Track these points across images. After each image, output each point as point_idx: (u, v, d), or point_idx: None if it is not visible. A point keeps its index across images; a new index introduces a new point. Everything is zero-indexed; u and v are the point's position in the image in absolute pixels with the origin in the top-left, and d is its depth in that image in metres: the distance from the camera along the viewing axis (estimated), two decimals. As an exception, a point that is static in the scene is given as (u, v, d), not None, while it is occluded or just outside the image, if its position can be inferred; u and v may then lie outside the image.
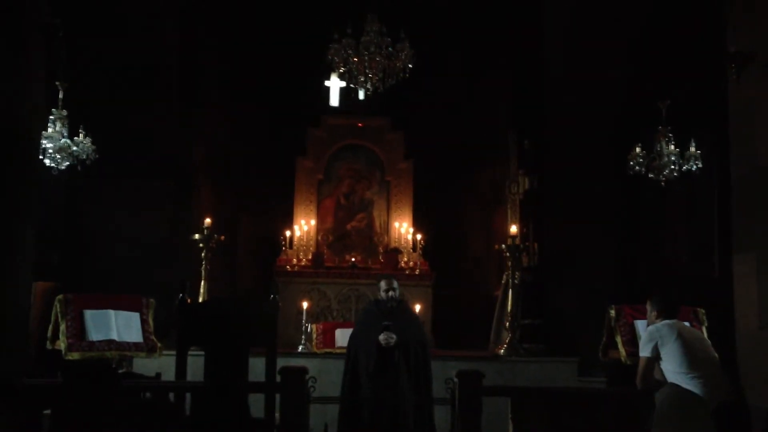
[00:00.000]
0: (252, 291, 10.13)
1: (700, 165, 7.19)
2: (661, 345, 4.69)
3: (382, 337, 5.62)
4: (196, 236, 8.06)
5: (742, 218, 5.43)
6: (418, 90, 9.62)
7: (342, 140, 10.79)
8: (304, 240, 10.33)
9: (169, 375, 5.59)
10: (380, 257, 10.30)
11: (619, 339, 5.62)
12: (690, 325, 5.25)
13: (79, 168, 7.08)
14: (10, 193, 4.16)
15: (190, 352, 5.42)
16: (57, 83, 6.77)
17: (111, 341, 5.42)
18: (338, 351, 7.45)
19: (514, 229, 8.29)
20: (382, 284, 5.99)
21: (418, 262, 10.15)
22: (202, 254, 8.02)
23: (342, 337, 7.63)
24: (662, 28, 7.89)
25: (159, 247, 8.35)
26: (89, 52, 7.86)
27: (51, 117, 6.86)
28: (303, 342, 7.96)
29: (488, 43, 10.74)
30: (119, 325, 5.51)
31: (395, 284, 5.97)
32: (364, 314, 6.29)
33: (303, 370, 5.15)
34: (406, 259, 10.23)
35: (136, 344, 5.57)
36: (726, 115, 5.59)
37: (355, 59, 6.61)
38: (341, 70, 6.76)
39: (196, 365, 5.43)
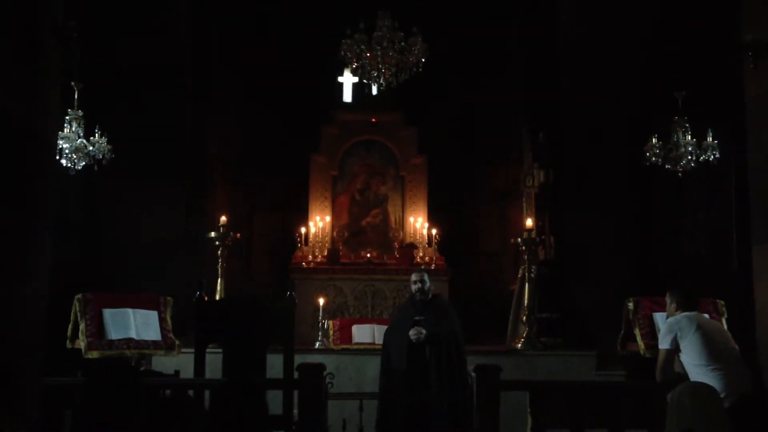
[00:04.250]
0: (268, 288, 10.15)
1: (717, 155, 7.12)
2: (680, 337, 4.65)
3: (412, 332, 5.58)
4: (212, 234, 8.10)
5: (761, 208, 5.36)
6: (432, 84, 9.59)
7: (355, 136, 10.78)
8: (320, 236, 10.34)
9: (188, 373, 5.62)
10: (396, 253, 10.29)
11: (637, 332, 5.59)
12: (710, 317, 5.21)
13: (95, 168, 7.13)
14: (27, 193, 4.18)
15: (208, 350, 5.45)
16: (72, 84, 6.82)
17: (130, 340, 5.46)
18: (355, 347, 7.47)
19: (529, 222, 8.26)
20: (412, 277, 5.94)
21: (434, 257, 10.13)
22: (219, 252, 8.06)
23: (359, 333, 7.64)
24: (678, 17, 7.81)
25: (176, 246, 8.40)
26: (104, 53, 7.90)
27: (67, 117, 6.91)
28: (320, 338, 7.97)
29: (502, 36, 10.69)
30: (138, 324, 5.55)
31: (425, 277, 5.90)
32: (399, 309, 6.26)
33: (320, 367, 5.16)
34: (421, 254, 10.21)
35: (154, 342, 5.61)
36: (743, 104, 5.52)
37: (368, 54, 6.61)
38: (354, 66, 6.76)
39: (214, 363, 5.46)
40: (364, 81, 7.03)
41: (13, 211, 4.08)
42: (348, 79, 10.98)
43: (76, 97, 6.96)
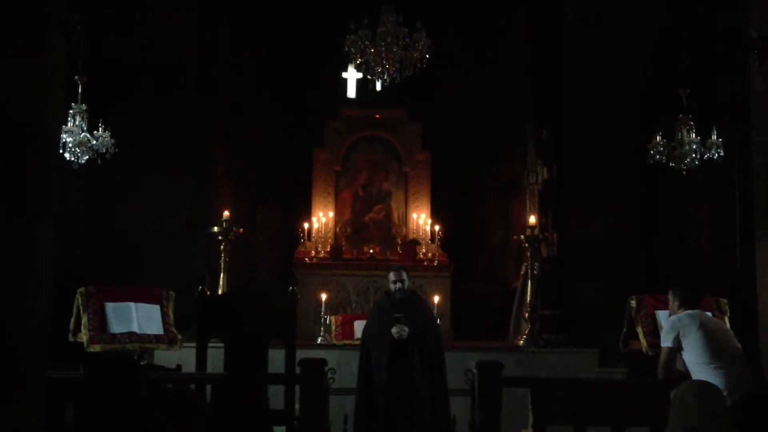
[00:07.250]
0: (271, 283, 10.16)
1: (721, 153, 7.10)
2: (682, 335, 4.65)
3: (394, 329, 5.61)
4: (215, 229, 8.10)
5: (765, 206, 5.35)
6: (436, 80, 9.57)
7: (359, 132, 10.77)
8: (323, 232, 10.34)
9: (190, 367, 5.63)
10: (398, 249, 10.29)
11: (640, 329, 5.58)
12: (712, 315, 5.20)
13: (99, 162, 7.13)
14: (30, 187, 4.19)
15: (210, 344, 5.45)
16: (76, 77, 6.81)
17: (132, 333, 5.47)
18: (357, 342, 7.43)
19: (532, 219, 8.25)
20: (391, 276, 5.98)
21: (437, 254, 10.13)
22: (221, 247, 8.06)
23: (361, 328, 7.64)
24: (683, 15, 7.79)
25: (178, 240, 8.40)
26: (108, 47, 7.89)
27: (70, 111, 6.91)
28: (322, 334, 7.98)
29: (506, 32, 10.67)
30: (140, 318, 5.56)
31: (404, 275, 5.93)
32: (376, 307, 6.29)
33: (322, 362, 5.15)
34: (424, 250, 10.21)
35: (156, 336, 5.62)
36: (748, 102, 5.51)
37: (372, 50, 6.59)
38: (358, 62, 6.74)
39: (216, 357, 5.46)
40: (368, 77, 7.02)
41: (16, 205, 4.09)
42: (352, 75, 10.96)
43: (79, 90, 6.96)
